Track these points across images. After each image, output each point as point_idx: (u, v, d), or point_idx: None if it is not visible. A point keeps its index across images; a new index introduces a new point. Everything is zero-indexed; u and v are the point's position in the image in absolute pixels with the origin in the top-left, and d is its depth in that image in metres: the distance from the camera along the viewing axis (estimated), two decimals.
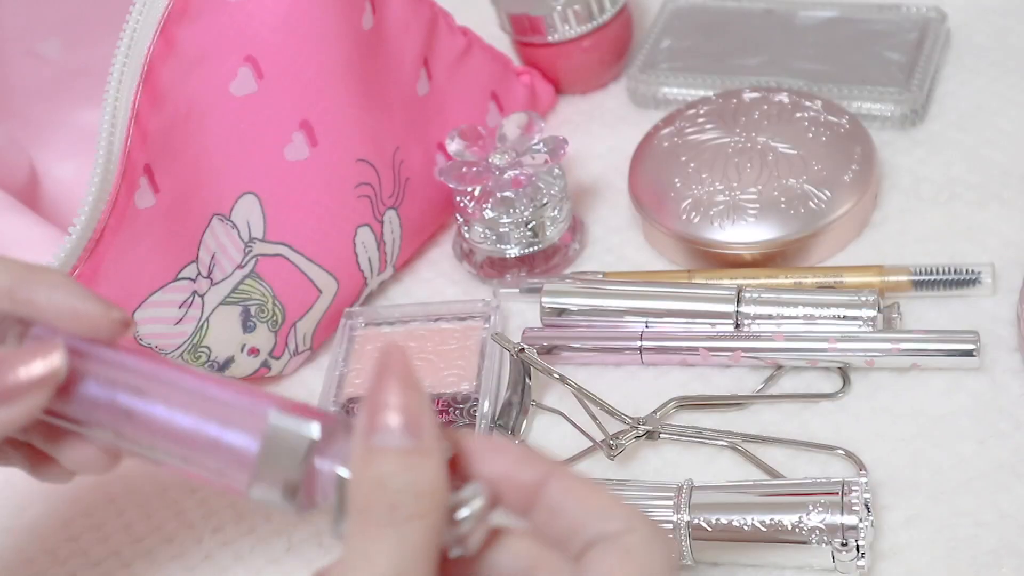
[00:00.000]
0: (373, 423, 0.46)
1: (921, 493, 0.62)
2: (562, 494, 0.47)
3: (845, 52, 0.82)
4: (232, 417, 0.50)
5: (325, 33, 0.69)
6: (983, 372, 0.67)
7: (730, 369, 0.70)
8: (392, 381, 0.46)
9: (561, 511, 0.46)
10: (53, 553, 0.68)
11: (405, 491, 0.44)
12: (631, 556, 0.45)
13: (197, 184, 0.68)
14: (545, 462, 0.47)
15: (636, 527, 0.46)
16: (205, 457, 0.50)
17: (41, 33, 0.75)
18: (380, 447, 0.45)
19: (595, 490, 0.47)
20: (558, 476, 0.47)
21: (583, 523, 0.46)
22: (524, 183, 0.73)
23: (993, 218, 0.74)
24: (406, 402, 0.46)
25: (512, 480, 0.47)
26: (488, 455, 0.47)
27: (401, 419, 0.45)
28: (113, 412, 0.51)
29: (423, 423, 0.46)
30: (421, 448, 0.45)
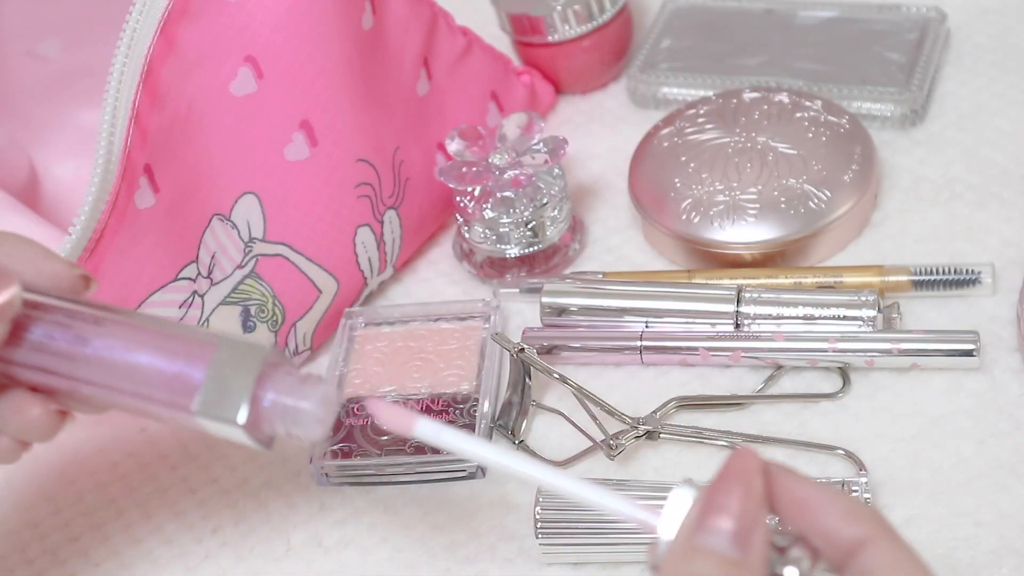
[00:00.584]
0: (704, 522, 0.45)
1: (921, 493, 0.62)
2: (876, 566, 0.45)
3: (845, 52, 0.82)
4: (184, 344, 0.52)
5: (325, 33, 0.69)
6: (983, 372, 0.67)
7: (730, 369, 0.70)
8: (736, 486, 0.45)
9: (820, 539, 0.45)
10: (54, 553, 0.68)
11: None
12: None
13: (197, 184, 0.68)
14: (870, 521, 0.45)
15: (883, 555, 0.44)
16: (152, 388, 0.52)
17: (41, 33, 0.75)
18: (704, 547, 0.44)
19: (909, 569, 0.45)
20: (879, 542, 0.45)
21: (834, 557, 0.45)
22: (524, 183, 0.73)
23: (993, 218, 0.74)
24: (744, 511, 0.45)
25: (832, 537, 0.45)
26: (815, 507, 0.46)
27: (734, 527, 0.44)
28: (61, 350, 0.53)
29: (755, 539, 0.44)
30: (745, 563, 0.44)
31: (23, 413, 0.54)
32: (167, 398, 0.52)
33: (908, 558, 0.45)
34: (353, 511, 0.67)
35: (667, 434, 0.67)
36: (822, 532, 0.45)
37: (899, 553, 0.45)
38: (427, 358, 0.72)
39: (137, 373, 0.52)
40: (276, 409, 0.51)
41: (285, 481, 0.69)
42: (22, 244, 0.55)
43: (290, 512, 0.68)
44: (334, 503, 0.68)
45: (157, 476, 0.70)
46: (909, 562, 0.45)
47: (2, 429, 0.55)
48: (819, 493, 0.46)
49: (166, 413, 0.52)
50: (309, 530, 0.67)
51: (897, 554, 0.45)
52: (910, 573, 0.45)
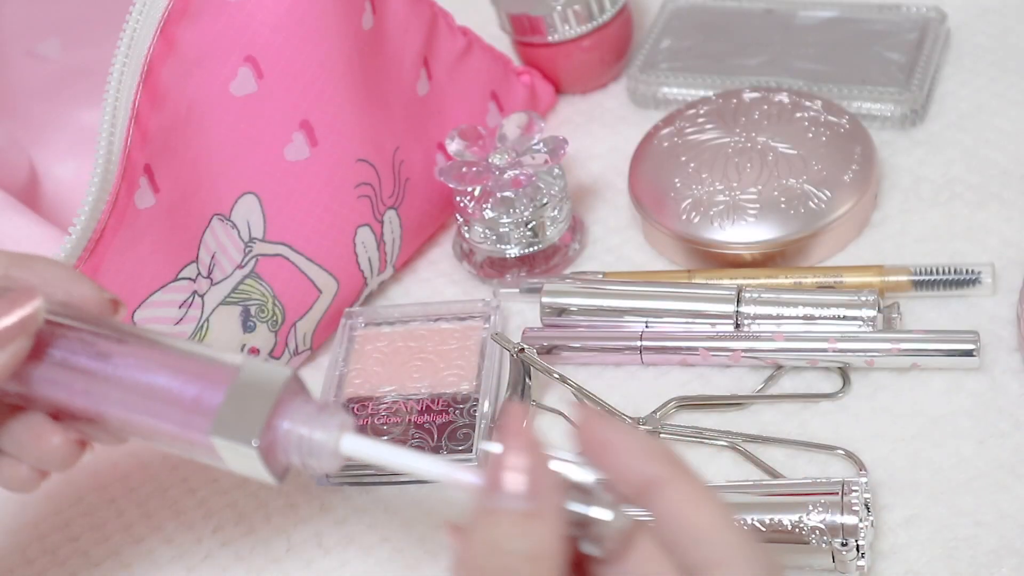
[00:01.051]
0: (494, 484, 0.45)
1: (921, 493, 0.63)
2: (670, 505, 0.46)
3: (845, 52, 0.82)
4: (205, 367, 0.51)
5: (325, 33, 0.69)
6: (983, 372, 0.67)
7: (730, 369, 0.70)
8: (512, 442, 0.46)
9: (667, 523, 0.46)
10: (53, 553, 0.68)
11: (521, 554, 0.44)
12: None
13: (197, 184, 0.68)
14: (663, 461, 0.46)
15: (731, 560, 0.45)
16: (171, 410, 0.51)
17: (41, 33, 0.75)
18: (499, 508, 0.45)
19: (701, 508, 0.45)
20: (674, 483, 0.46)
21: (683, 544, 0.45)
22: (524, 183, 0.73)
23: (993, 218, 0.74)
24: (525, 464, 0.45)
25: (626, 476, 0.46)
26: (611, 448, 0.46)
27: (519, 481, 0.45)
28: (87, 366, 0.52)
29: (543, 486, 0.45)
30: (539, 511, 0.45)
31: (42, 441, 0.54)
32: (184, 419, 0.51)
33: (702, 496, 0.46)
34: (353, 511, 0.67)
35: (667, 434, 0.67)
36: (617, 472, 0.46)
37: (693, 492, 0.46)
38: (427, 358, 0.72)
39: (157, 394, 0.51)
40: (292, 438, 0.50)
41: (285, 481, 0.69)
42: (52, 266, 0.55)
43: (290, 512, 0.68)
44: (334, 503, 0.68)
45: (157, 476, 0.70)
46: (703, 501, 0.46)
47: (21, 457, 0.55)
48: (616, 434, 0.47)
49: (182, 435, 0.51)
50: (309, 530, 0.67)
51: (691, 493, 0.46)
52: (702, 511, 0.45)
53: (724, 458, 0.66)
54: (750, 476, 0.65)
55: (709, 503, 0.46)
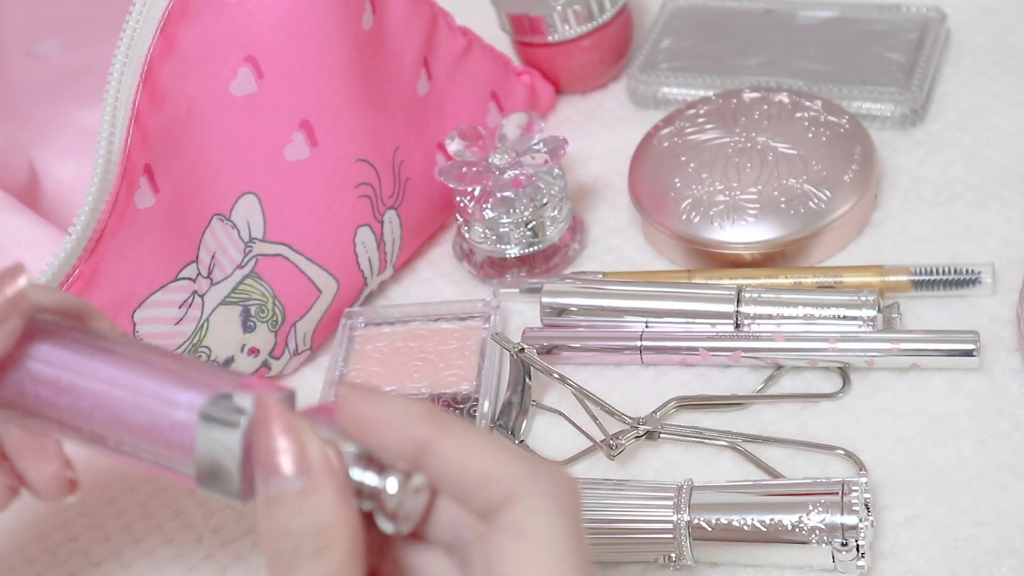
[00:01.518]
0: (264, 473, 0.45)
1: (921, 493, 0.63)
2: (439, 465, 0.45)
3: (845, 52, 0.82)
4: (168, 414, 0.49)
5: (325, 33, 0.69)
6: (983, 372, 0.67)
7: (730, 369, 0.70)
8: (271, 428, 0.46)
9: (447, 479, 0.45)
10: (53, 553, 0.68)
11: (303, 531, 0.44)
12: (520, 537, 0.44)
13: (197, 184, 0.68)
14: (427, 424, 0.45)
15: (519, 493, 0.44)
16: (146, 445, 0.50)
17: (41, 33, 0.75)
18: (275, 496, 0.45)
19: (472, 452, 0.45)
20: (440, 439, 0.45)
21: (471, 493, 0.45)
22: (524, 183, 0.73)
23: (993, 218, 0.74)
24: (288, 444, 0.45)
25: (395, 450, 0.46)
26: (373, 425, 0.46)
27: (288, 462, 0.45)
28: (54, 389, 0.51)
29: (309, 459, 0.45)
30: (312, 486, 0.45)
31: (44, 466, 0.55)
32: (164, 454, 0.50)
33: (472, 440, 0.45)
34: None
35: (667, 434, 0.67)
36: (385, 446, 0.46)
37: (461, 440, 0.45)
38: (427, 358, 0.72)
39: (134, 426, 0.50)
40: None
41: None
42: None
43: None
44: None
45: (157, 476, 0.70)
46: (474, 444, 0.45)
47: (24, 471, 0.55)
48: (373, 408, 0.46)
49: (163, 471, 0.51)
50: None
51: (459, 441, 0.45)
52: (476, 455, 0.45)
53: (724, 458, 0.66)
54: (750, 476, 0.65)
55: (479, 444, 0.45)
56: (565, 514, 0.44)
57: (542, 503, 0.44)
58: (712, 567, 0.61)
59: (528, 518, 0.44)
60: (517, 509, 0.44)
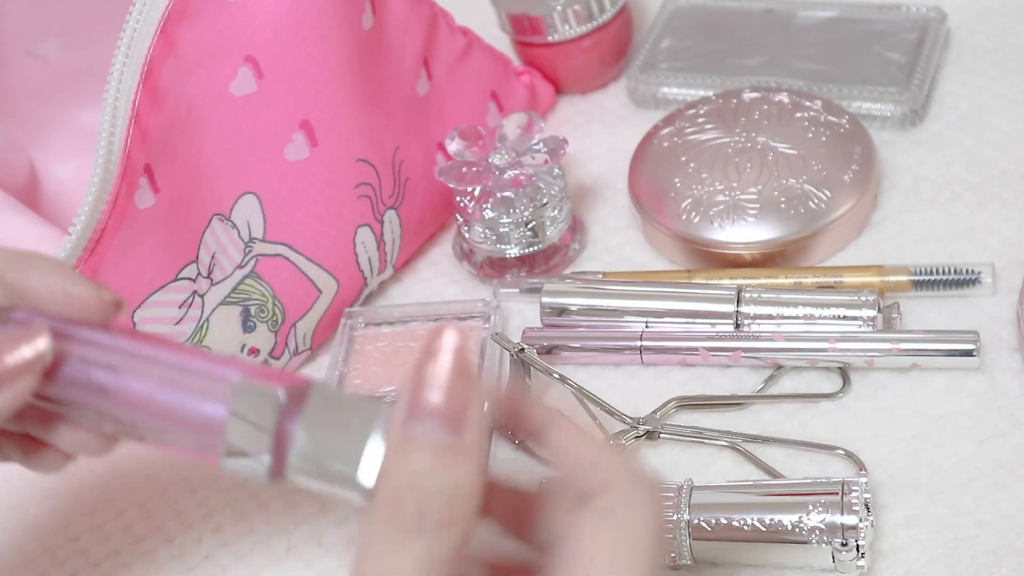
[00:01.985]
0: (415, 407, 0.42)
1: (921, 493, 0.62)
2: (562, 439, 0.49)
3: (845, 52, 0.82)
4: (202, 387, 0.49)
5: (325, 33, 0.69)
6: (983, 372, 0.67)
7: (730, 369, 0.70)
8: (444, 359, 0.42)
9: (561, 455, 0.48)
10: (53, 553, 0.68)
11: (439, 494, 0.41)
12: (608, 518, 0.46)
13: (197, 184, 0.68)
14: (551, 411, 0.49)
15: (616, 485, 0.46)
16: (178, 429, 0.50)
17: (41, 33, 0.75)
18: (418, 439, 0.41)
19: (585, 441, 0.48)
20: (559, 423, 0.49)
21: (576, 472, 0.47)
22: (524, 183, 0.73)
23: (993, 218, 0.74)
24: (454, 389, 0.42)
25: (522, 424, 0.50)
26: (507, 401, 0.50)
27: (446, 407, 0.42)
28: (89, 390, 0.51)
29: (470, 418, 0.42)
30: (463, 447, 0.42)
31: (76, 434, 0.54)
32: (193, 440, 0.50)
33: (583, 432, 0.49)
34: (353, 510, 0.67)
35: (667, 434, 0.67)
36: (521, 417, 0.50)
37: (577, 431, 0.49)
38: None
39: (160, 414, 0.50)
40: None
41: None
42: (50, 268, 0.52)
43: (290, 511, 0.68)
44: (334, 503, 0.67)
45: (157, 475, 0.70)
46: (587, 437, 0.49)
47: (58, 446, 0.55)
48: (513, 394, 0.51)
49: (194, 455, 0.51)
50: (309, 530, 0.67)
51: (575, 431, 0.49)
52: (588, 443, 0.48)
53: (724, 458, 0.66)
54: (750, 476, 0.65)
55: (592, 438, 0.49)
56: (650, 513, 0.47)
57: (634, 498, 0.46)
58: (712, 567, 0.61)
59: (620, 505, 0.46)
60: (613, 495, 0.46)
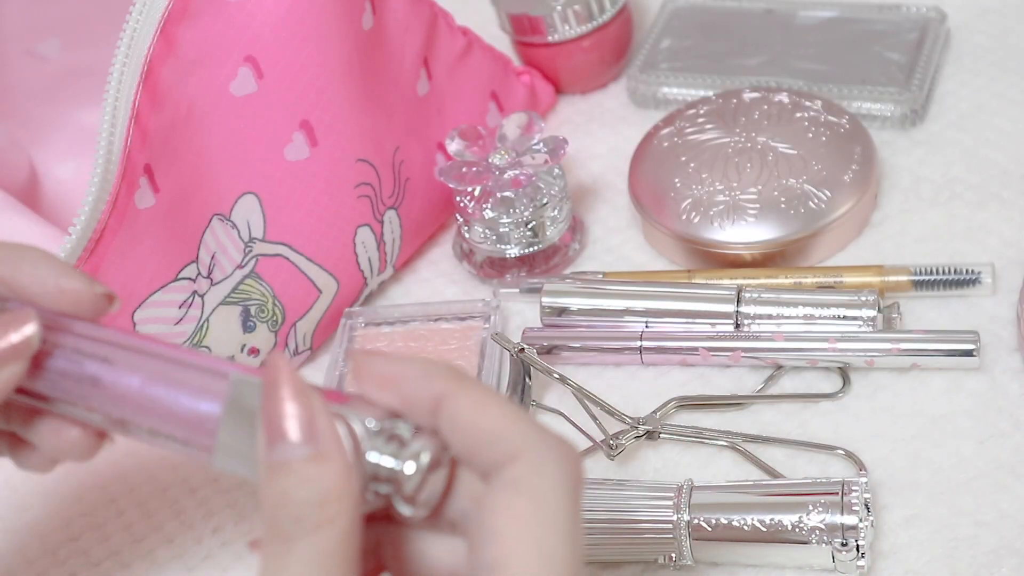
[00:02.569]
0: (270, 438, 0.45)
1: (921, 493, 0.62)
2: (453, 418, 0.45)
3: (845, 52, 0.82)
4: (196, 383, 0.49)
5: (325, 33, 0.69)
6: (983, 372, 0.67)
7: (730, 369, 0.70)
8: (281, 391, 0.45)
9: (458, 433, 0.45)
10: (53, 553, 0.68)
11: (307, 501, 0.44)
12: (519, 490, 0.44)
13: (197, 184, 0.68)
14: (444, 376, 0.46)
15: (523, 452, 0.44)
16: (170, 424, 0.50)
17: (41, 33, 0.75)
18: (279, 461, 0.44)
19: (486, 408, 0.45)
20: (457, 394, 0.45)
21: (474, 451, 0.45)
22: (524, 183, 0.73)
23: (993, 218, 0.74)
24: (297, 410, 0.45)
25: (413, 402, 0.46)
26: (393, 378, 0.46)
27: (296, 428, 0.45)
28: (81, 381, 0.51)
29: (318, 426, 0.45)
30: (319, 454, 0.44)
31: (61, 435, 0.53)
32: (185, 437, 0.50)
33: (488, 399, 0.45)
34: None
35: (667, 434, 0.67)
36: (403, 400, 0.46)
37: (477, 397, 0.45)
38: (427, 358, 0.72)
39: (154, 409, 0.50)
40: None
41: None
42: (41, 261, 0.52)
43: None
44: None
45: (157, 475, 0.70)
46: (489, 403, 0.45)
47: (40, 448, 0.54)
48: (395, 364, 0.46)
49: (184, 452, 0.51)
50: None
51: (475, 398, 0.45)
52: (489, 411, 0.45)
53: (724, 458, 0.66)
54: (750, 476, 0.65)
55: (495, 404, 0.45)
56: (566, 479, 0.44)
57: (545, 464, 0.44)
58: (712, 567, 0.61)
59: (528, 475, 0.44)
60: (519, 465, 0.44)
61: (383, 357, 0.47)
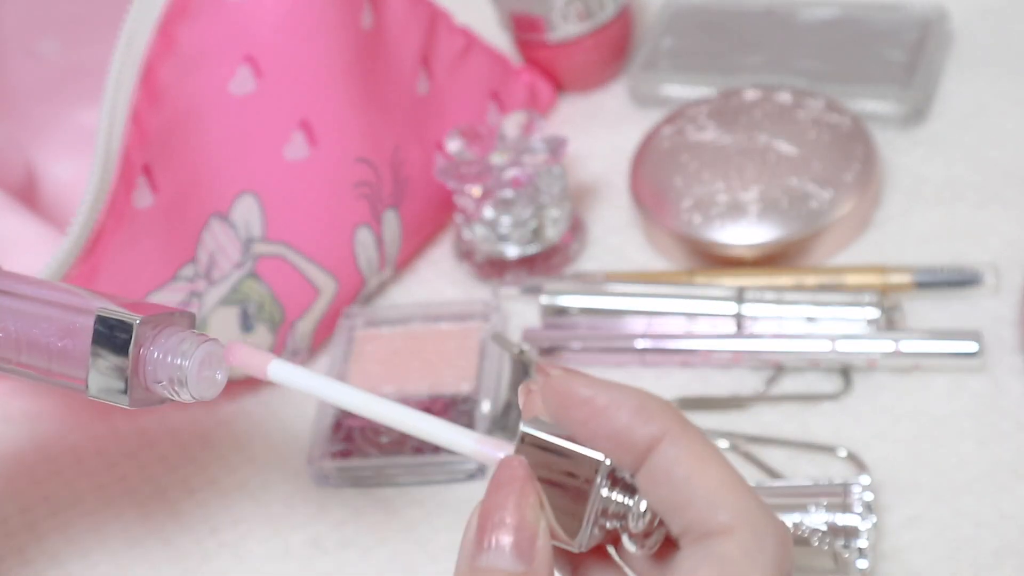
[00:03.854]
0: (482, 541, 0.43)
1: (922, 494, 0.62)
2: (668, 467, 0.42)
3: (846, 51, 0.82)
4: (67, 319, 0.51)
5: (325, 33, 0.69)
6: (985, 373, 0.66)
7: (731, 370, 0.69)
8: (510, 497, 0.43)
9: (667, 482, 0.42)
10: (53, 555, 0.68)
11: None
12: (725, 569, 0.41)
13: (196, 184, 0.68)
14: (663, 416, 0.42)
15: (739, 528, 0.41)
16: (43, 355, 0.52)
17: (40, 33, 0.75)
18: (486, 567, 0.42)
19: (707, 465, 0.42)
20: (672, 439, 0.42)
21: (682, 508, 0.42)
22: (524, 183, 0.73)
23: (995, 218, 0.73)
24: (521, 521, 0.43)
25: (624, 439, 0.42)
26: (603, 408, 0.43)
27: (513, 540, 0.42)
28: None
29: (537, 546, 0.42)
30: (530, 573, 0.42)
31: None
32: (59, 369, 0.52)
33: (702, 454, 0.42)
34: (352, 512, 0.67)
35: None
36: (613, 434, 0.43)
37: (698, 448, 0.42)
38: (427, 358, 0.72)
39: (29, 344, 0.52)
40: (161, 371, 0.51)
41: (284, 482, 0.69)
42: None
43: (289, 513, 0.67)
44: (333, 504, 0.67)
45: (156, 477, 0.70)
46: (701, 459, 0.42)
47: None
48: (607, 392, 0.43)
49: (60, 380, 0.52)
50: (308, 531, 0.67)
51: (694, 446, 0.42)
52: (710, 469, 0.42)
53: None
54: (751, 477, 0.64)
55: (717, 462, 0.42)
56: (777, 565, 0.42)
57: (758, 546, 0.41)
58: None
59: (740, 556, 0.41)
60: (731, 542, 0.41)
61: (588, 381, 0.44)
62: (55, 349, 0.52)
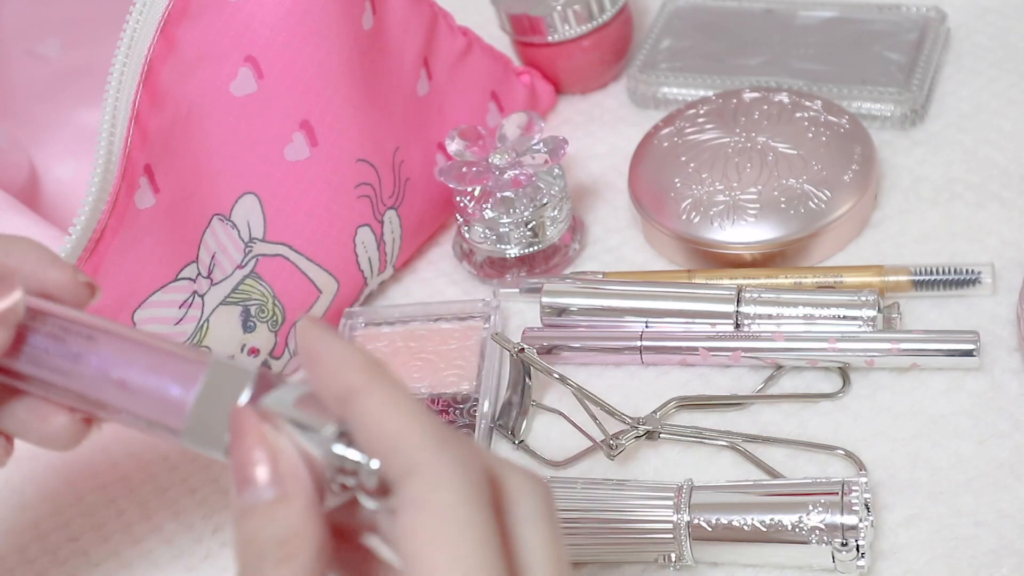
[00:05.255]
0: (239, 484, 0.46)
1: (921, 493, 0.63)
2: (364, 414, 0.45)
3: (845, 52, 0.82)
4: (174, 365, 0.50)
5: (325, 33, 0.69)
6: (983, 372, 0.67)
7: (730, 369, 0.70)
8: (245, 440, 0.47)
9: (362, 434, 0.45)
10: (54, 553, 0.68)
11: (271, 539, 0.45)
12: (421, 509, 0.43)
13: (197, 184, 0.68)
14: (363, 371, 0.45)
15: (419, 466, 0.43)
16: (146, 405, 0.51)
17: (41, 33, 0.75)
18: (248, 506, 0.46)
19: (393, 414, 0.44)
20: (369, 391, 0.45)
21: (383, 456, 0.45)
22: (524, 183, 0.73)
23: (993, 218, 0.74)
24: (263, 455, 0.46)
25: (326, 385, 0.46)
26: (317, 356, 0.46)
27: (262, 473, 0.46)
28: (64, 357, 0.51)
29: (281, 470, 0.46)
30: (282, 495, 0.46)
31: (49, 422, 0.53)
32: (156, 418, 0.51)
33: (397, 401, 0.45)
34: None
35: (667, 434, 0.67)
36: (316, 382, 0.46)
37: (387, 398, 0.45)
38: (427, 358, 0.72)
39: (128, 391, 0.51)
40: None
41: None
42: (29, 249, 0.53)
43: None
44: None
45: (157, 476, 0.70)
46: (397, 406, 0.44)
47: (24, 437, 0.54)
48: (322, 344, 0.46)
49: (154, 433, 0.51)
50: None
51: (385, 399, 0.45)
52: (395, 417, 0.44)
53: (724, 458, 0.66)
54: (750, 476, 0.65)
55: (403, 408, 0.44)
56: (467, 487, 0.43)
57: (443, 477, 0.43)
58: (712, 567, 0.61)
59: (427, 492, 0.43)
60: (416, 482, 0.43)
61: (316, 331, 0.47)
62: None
